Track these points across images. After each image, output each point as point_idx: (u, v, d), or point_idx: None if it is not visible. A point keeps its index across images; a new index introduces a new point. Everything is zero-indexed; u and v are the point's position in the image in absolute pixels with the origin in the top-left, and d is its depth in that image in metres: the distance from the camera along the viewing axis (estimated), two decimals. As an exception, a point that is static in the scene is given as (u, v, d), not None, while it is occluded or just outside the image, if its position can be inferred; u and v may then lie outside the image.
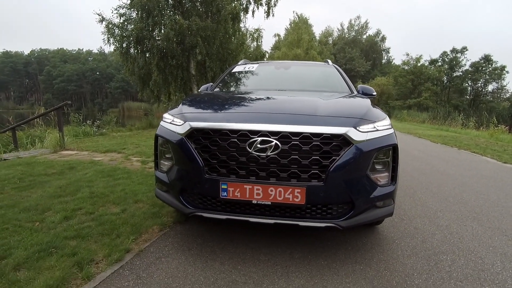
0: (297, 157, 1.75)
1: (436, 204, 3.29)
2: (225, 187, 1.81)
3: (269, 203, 1.78)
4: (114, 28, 12.48)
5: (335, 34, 53.12)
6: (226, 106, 2.19)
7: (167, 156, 2.12)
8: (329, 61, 4.07)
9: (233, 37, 13.74)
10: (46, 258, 1.85)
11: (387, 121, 2.00)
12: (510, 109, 28.09)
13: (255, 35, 15.63)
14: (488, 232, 2.56)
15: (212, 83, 3.64)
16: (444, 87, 36.08)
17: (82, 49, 75.93)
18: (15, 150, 6.74)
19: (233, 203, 1.87)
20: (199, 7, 12.82)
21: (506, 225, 2.71)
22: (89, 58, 71.16)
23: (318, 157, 1.75)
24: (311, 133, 1.76)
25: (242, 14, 13.66)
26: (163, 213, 2.66)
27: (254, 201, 1.80)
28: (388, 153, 1.91)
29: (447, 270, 1.93)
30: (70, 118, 11.10)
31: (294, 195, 1.75)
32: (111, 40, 12.50)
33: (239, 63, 3.96)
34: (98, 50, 71.43)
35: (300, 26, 32.35)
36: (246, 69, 3.70)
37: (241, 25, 14.20)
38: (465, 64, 34.95)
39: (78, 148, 6.29)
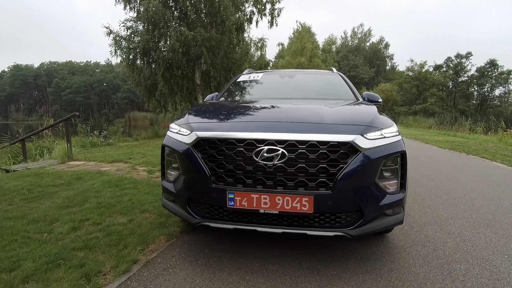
0: (304, 165, 1.74)
1: (446, 211, 3.22)
2: (232, 196, 1.80)
3: (277, 212, 1.77)
4: (121, 40, 12.77)
5: (338, 42, 53.50)
6: (232, 116, 2.20)
7: (173, 166, 2.13)
8: (334, 69, 4.09)
9: (237, 47, 13.94)
10: (55, 269, 1.85)
11: (394, 128, 1.99)
12: (518, 113, 27.66)
13: (259, 45, 15.84)
14: (502, 239, 2.49)
15: (217, 93, 3.67)
16: (449, 92, 35.87)
17: (90, 61, 77.77)
18: (24, 161, 6.84)
19: (240, 212, 1.85)
20: (203, 19, 13.08)
21: (520, 233, 2.63)
22: (97, 70, 72.74)
23: (325, 165, 1.74)
24: (318, 141, 1.75)
25: (246, 24, 13.88)
26: (170, 223, 2.66)
27: (262, 210, 1.78)
28: (396, 160, 1.89)
29: (461, 279, 1.88)
30: (77, 129, 11.27)
31: (302, 203, 1.73)
32: (118, 52, 12.79)
33: (244, 73, 4.00)
34: (106, 62, 73.07)
35: (303, 35, 32.66)
36: (251, 78, 3.73)
37: (245, 35, 14.42)
38: (470, 69, 34.82)
39: (86, 158, 6.36)
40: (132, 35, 12.85)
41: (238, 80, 3.78)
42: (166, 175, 2.20)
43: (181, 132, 2.07)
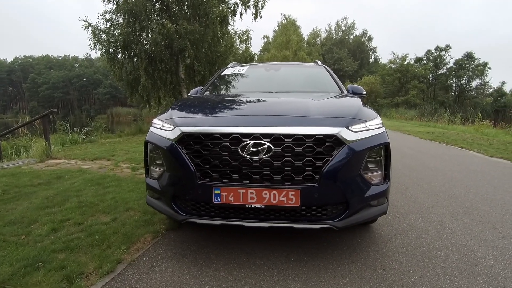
0: (290, 159, 1.74)
1: (427, 200, 3.33)
2: (218, 192, 1.78)
3: (264, 206, 1.76)
4: (101, 33, 12.27)
5: (323, 35, 53.72)
6: (217, 110, 2.16)
7: (157, 162, 2.07)
8: (319, 61, 4.09)
9: (221, 40, 13.72)
10: (33, 273, 1.77)
11: (378, 120, 2.01)
12: (493, 104, 28.90)
13: (244, 38, 15.64)
14: (479, 226, 2.60)
15: (201, 87, 3.60)
16: (430, 85, 36.91)
17: (68, 55, 74.55)
18: (-1, 161, 6.51)
19: (227, 208, 1.83)
20: (186, 11, 12.75)
21: (495, 218, 2.76)
22: (75, 64, 69.91)
23: (311, 159, 1.74)
24: (303, 135, 1.74)
25: (230, 16, 13.64)
26: (155, 220, 2.61)
27: (248, 205, 1.77)
28: (380, 151, 1.91)
29: (441, 266, 1.95)
30: (56, 126, 10.82)
31: (289, 197, 1.73)
32: (98, 45, 12.28)
33: (229, 66, 3.94)
34: (85, 56, 70.30)
35: (288, 27, 32.57)
36: (236, 72, 3.68)
37: (229, 27, 14.19)
38: (449, 62, 35.92)
39: (66, 156, 6.13)
40: (112, 28, 12.36)
41: (223, 74, 3.72)
42: (150, 172, 2.15)
43: (165, 127, 2.02)
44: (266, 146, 1.73)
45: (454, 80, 37.23)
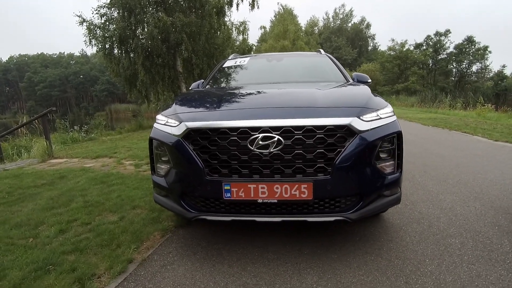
0: (301, 151, 1.69)
1: (436, 186, 3.29)
2: (228, 188, 1.73)
3: (276, 201, 1.72)
4: (96, 29, 12.07)
5: (321, 23, 52.99)
6: (222, 103, 2.10)
7: (163, 159, 2.02)
8: (321, 50, 4.00)
9: (218, 32, 13.51)
10: (44, 276, 1.75)
11: (389, 109, 1.95)
12: (494, 88, 28.68)
13: (241, 28, 15.39)
14: (491, 211, 2.57)
15: (203, 80, 3.53)
16: (430, 70, 36.60)
17: (64, 53, 73.55)
18: (0, 162, 6.47)
19: (237, 203, 1.79)
20: (182, 3, 12.50)
21: (507, 203, 2.72)
22: (71, 62, 69.07)
23: (322, 150, 1.69)
24: (314, 126, 1.69)
25: (226, 7, 13.41)
26: (163, 217, 2.57)
27: (260, 200, 1.73)
28: (393, 140, 1.86)
29: (457, 253, 1.92)
30: (56, 125, 10.75)
31: (301, 191, 1.69)
32: (93, 41, 12.10)
33: (229, 58, 3.85)
34: (80, 53, 69.47)
35: (285, 17, 32.05)
36: (237, 64, 3.60)
37: (226, 19, 13.97)
38: (449, 47, 35.53)
39: (68, 155, 6.09)
40: (107, 23, 12.15)
41: (223, 66, 3.64)
42: (156, 169, 2.10)
43: (169, 123, 1.96)
44: (276, 139, 1.67)
45: (454, 65, 36.88)
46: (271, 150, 1.68)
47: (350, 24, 52.67)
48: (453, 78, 36.88)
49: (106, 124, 15.05)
